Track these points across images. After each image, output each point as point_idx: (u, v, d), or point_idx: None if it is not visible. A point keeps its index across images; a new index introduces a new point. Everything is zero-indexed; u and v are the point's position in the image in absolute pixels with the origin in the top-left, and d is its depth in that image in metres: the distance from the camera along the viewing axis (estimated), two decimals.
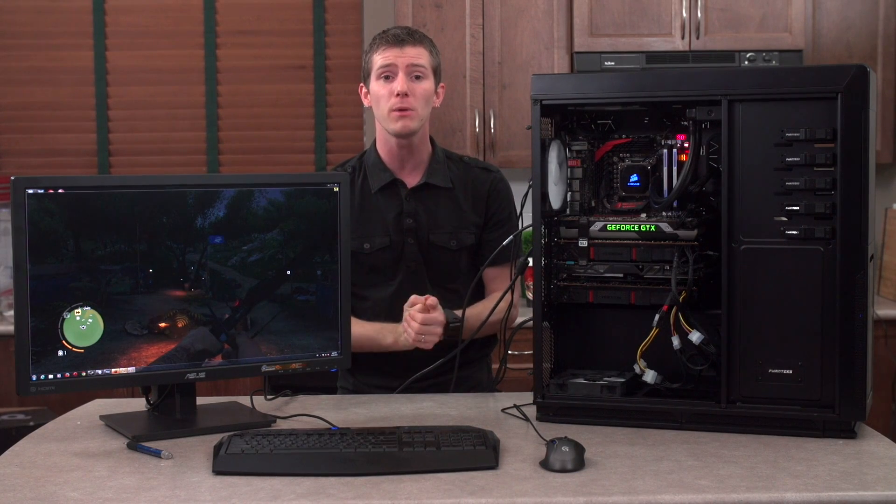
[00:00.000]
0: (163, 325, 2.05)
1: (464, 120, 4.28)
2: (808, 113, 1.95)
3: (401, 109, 2.45)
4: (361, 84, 2.56)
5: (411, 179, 2.55)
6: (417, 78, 2.47)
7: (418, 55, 2.47)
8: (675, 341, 2.05)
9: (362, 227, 2.50)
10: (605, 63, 4.14)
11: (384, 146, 2.55)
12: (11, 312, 3.46)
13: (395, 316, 2.50)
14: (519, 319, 2.38)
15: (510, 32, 4.26)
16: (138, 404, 2.21)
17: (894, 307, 4.21)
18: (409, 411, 2.20)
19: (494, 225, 2.57)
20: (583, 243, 2.13)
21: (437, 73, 2.53)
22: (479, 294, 2.62)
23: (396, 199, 2.53)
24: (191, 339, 2.07)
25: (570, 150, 2.17)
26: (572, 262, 2.14)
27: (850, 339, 1.92)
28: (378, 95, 2.48)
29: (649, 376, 2.07)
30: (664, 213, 2.11)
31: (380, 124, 2.53)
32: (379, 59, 2.48)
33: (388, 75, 2.47)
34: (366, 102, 2.56)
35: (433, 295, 2.52)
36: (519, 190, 2.57)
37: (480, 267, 2.56)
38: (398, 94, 2.44)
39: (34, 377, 1.96)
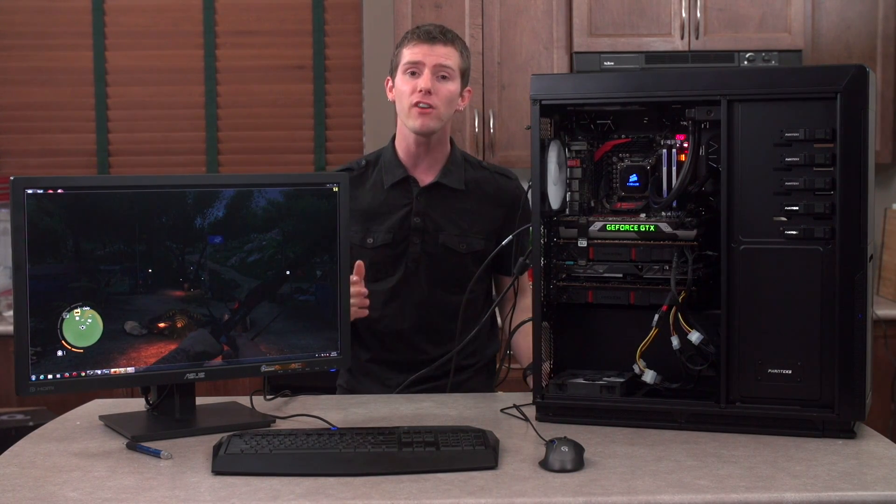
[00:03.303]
0: (162, 325, 2.05)
1: (463, 120, 4.28)
2: (807, 113, 1.95)
3: (421, 106, 2.44)
4: (388, 77, 2.55)
5: (425, 178, 2.54)
6: (444, 78, 2.46)
7: (447, 55, 2.46)
8: (675, 341, 2.05)
9: (369, 222, 2.51)
10: (605, 63, 4.15)
11: (402, 142, 2.54)
12: (11, 312, 3.46)
13: (388, 312, 2.50)
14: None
15: (509, 32, 4.27)
16: (137, 404, 2.21)
17: (894, 307, 4.21)
18: (408, 411, 2.20)
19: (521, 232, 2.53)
20: (582, 243, 2.13)
21: (464, 76, 2.52)
22: (486, 301, 2.61)
23: (407, 196, 2.53)
24: (190, 340, 2.07)
25: (569, 150, 2.17)
26: (572, 262, 2.14)
27: (849, 339, 1.92)
28: (402, 91, 2.47)
29: (648, 376, 2.07)
30: (663, 213, 2.11)
31: (400, 120, 2.52)
32: (407, 54, 2.47)
33: (414, 71, 2.46)
34: (390, 96, 2.55)
35: (431, 297, 2.52)
36: None
37: (494, 273, 2.57)
38: (421, 90, 2.43)
39: (33, 377, 1.96)
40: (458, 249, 2.52)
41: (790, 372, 1.97)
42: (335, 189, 2.19)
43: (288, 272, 2.15)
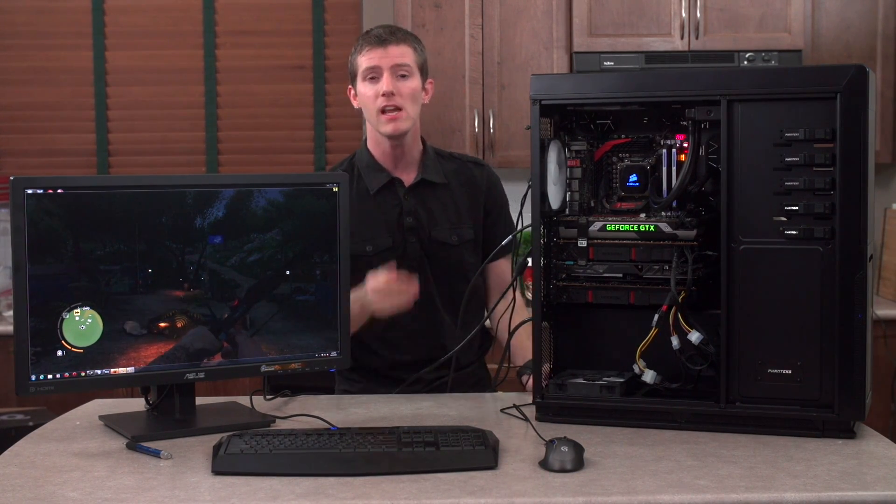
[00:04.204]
0: (162, 325, 2.05)
1: (463, 120, 4.28)
2: (807, 113, 1.95)
3: (389, 110, 2.45)
4: (350, 86, 2.57)
5: (407, 177, 2.55)
6: (403, 77, 2.47)
7: (402, 54, 2.47)
8: (675, 341, 2.05)
9: (363, 230, 2.50)
10: (605, 63, 4.15)
11: (377, 147, 2.55)
12: (11, 312, 3.46)
13: (398, 317, 2.50)
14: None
15: (509, 32, 4.26)
16: (137, 404, 2.21)
17: (894, 307, 4.21)
18: (408, 411, 2.20)
19: (497, 217, 2.59)
20: (582, 243, 2.13)
21: (423, 71, 2.53)
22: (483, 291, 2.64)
23: (395, 198, 2.53)
24: (190, 337, 2.07)
25: (569, 150, 2.17)
26: (571, 262, 2.14)
27: (849, 339, 1.92)
28: (365, 98, 2.49)
29: (648, 376, 2.07)
30: (663, 213, 2.11)
31: (371, 126, 2.53)
32: (363, 62, 2.48)
33: (373, 76, 2.47)
34: (355, 104, 2.56)
35: (438, 294, 2.53)
36: (518, 190, 2.58)
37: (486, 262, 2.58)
38: (384, 94, 2.45)
39: (33, 377, 1.96)
40: (451, 242, 2.53)
41: (790, 372, 1.97)
42: (335, 189, 2.19)
43: (288, 272, 2.15)
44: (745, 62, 4.11)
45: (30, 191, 1.94)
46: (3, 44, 4.70)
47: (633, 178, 2.16)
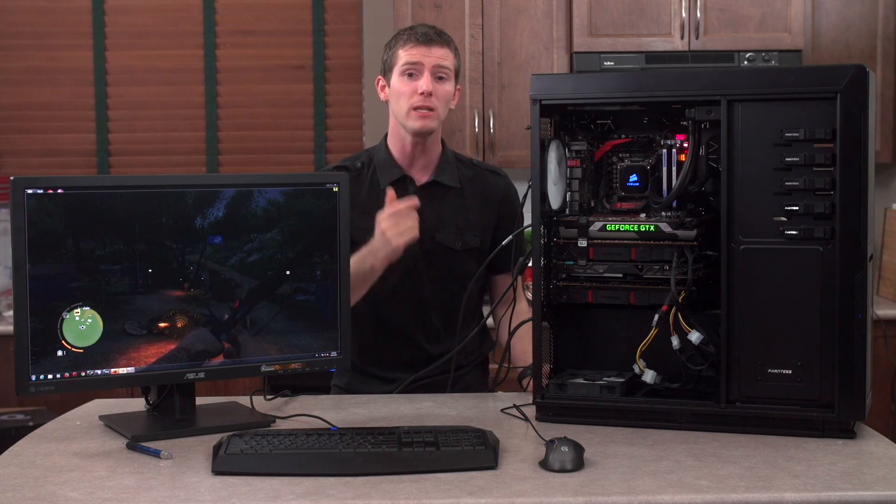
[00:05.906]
0: (162, 325, 2.05)
1: (463, 120, 4.28)
2: (807, 113, 1.95)
3: (422, 108, 2.44)
4: (380, 77, 2.55)
5: (420, 177, 2.55)
6: (440, 79, 2.47)
7: (444, 56, 2.47)
8: (675, 341, 2.05)
9: (367, 222, 2.50)
10: (605, 63, 4.15)
11: (397, 143, 2.54)
12: (11, 312, 3.46)
13: (389, 312, 2.50)
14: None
15: (509, 33, 4.27)
16: (138, 404, 2.21)
17: (894, 307, 4.21)
18: (408, 411, 2.20)
19: (508, 230, 2.55)
20: (582, 243, 2.13)
21: (457, 76, 2.54)
22: (481, 299, 2.63)
23: (404, 195, 2.52)
24: (191, 339, 2.07)
25: (569, 150, 2.17)
26: (572, 262, 2.14)
27: (849, 340, 1.92)
28: (400, 92, 2.47)
29: (648, 376, 2.07)
30: (663, 213, 2.11)
31: (395, 120, 2.52)
32: (405, 56, 2.47)
33: (412, 73, 2.46)
34: (382, 96, 2.55)
35: (430, 295, 2.52)
36: (518, 190, 2.58)
37: (490, 272, 2.57)
38: (422, 93, 2.44)
39: (33, 377, 1.96)
40: (454, 247, 2.52)
41: (790, 372, 1.97)
42: (335, 189, 2.19)
43: (288, 272, 2.15)
44: (745, 62, 4.11)
45: (30, 191, 1.94)
46: (3, 44, 4.70)
47: (633, 178, 2.16)
